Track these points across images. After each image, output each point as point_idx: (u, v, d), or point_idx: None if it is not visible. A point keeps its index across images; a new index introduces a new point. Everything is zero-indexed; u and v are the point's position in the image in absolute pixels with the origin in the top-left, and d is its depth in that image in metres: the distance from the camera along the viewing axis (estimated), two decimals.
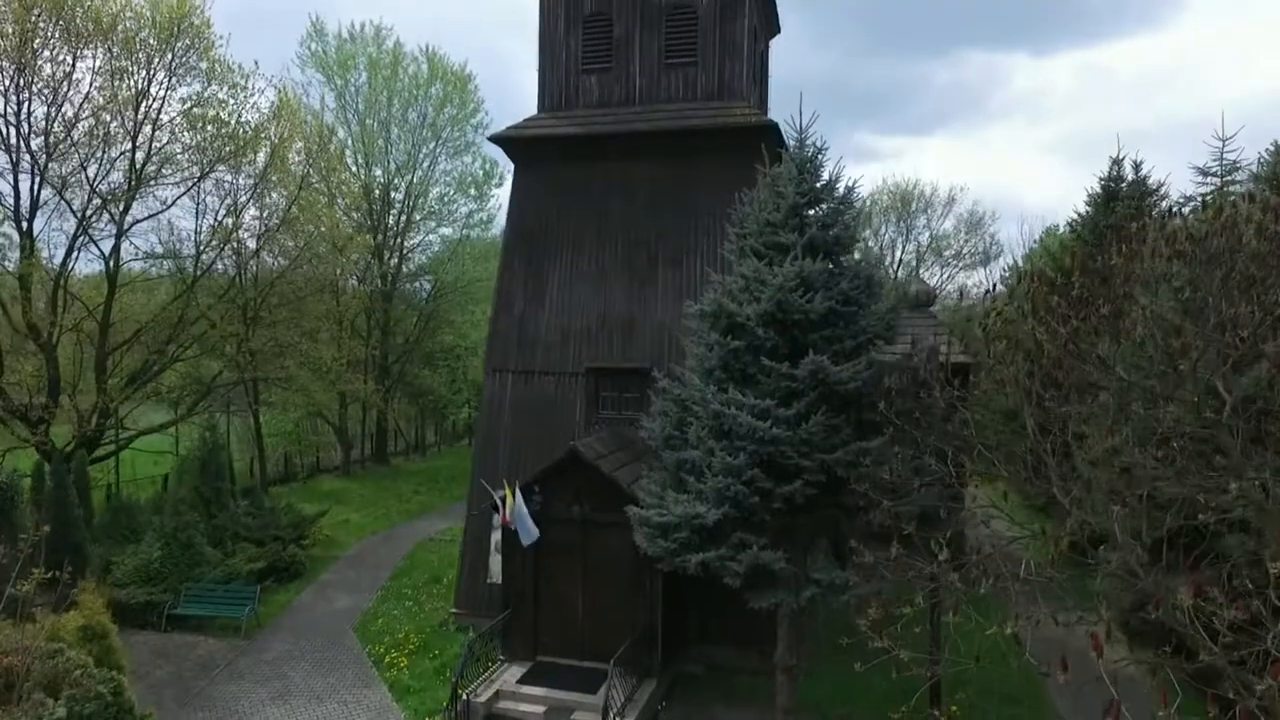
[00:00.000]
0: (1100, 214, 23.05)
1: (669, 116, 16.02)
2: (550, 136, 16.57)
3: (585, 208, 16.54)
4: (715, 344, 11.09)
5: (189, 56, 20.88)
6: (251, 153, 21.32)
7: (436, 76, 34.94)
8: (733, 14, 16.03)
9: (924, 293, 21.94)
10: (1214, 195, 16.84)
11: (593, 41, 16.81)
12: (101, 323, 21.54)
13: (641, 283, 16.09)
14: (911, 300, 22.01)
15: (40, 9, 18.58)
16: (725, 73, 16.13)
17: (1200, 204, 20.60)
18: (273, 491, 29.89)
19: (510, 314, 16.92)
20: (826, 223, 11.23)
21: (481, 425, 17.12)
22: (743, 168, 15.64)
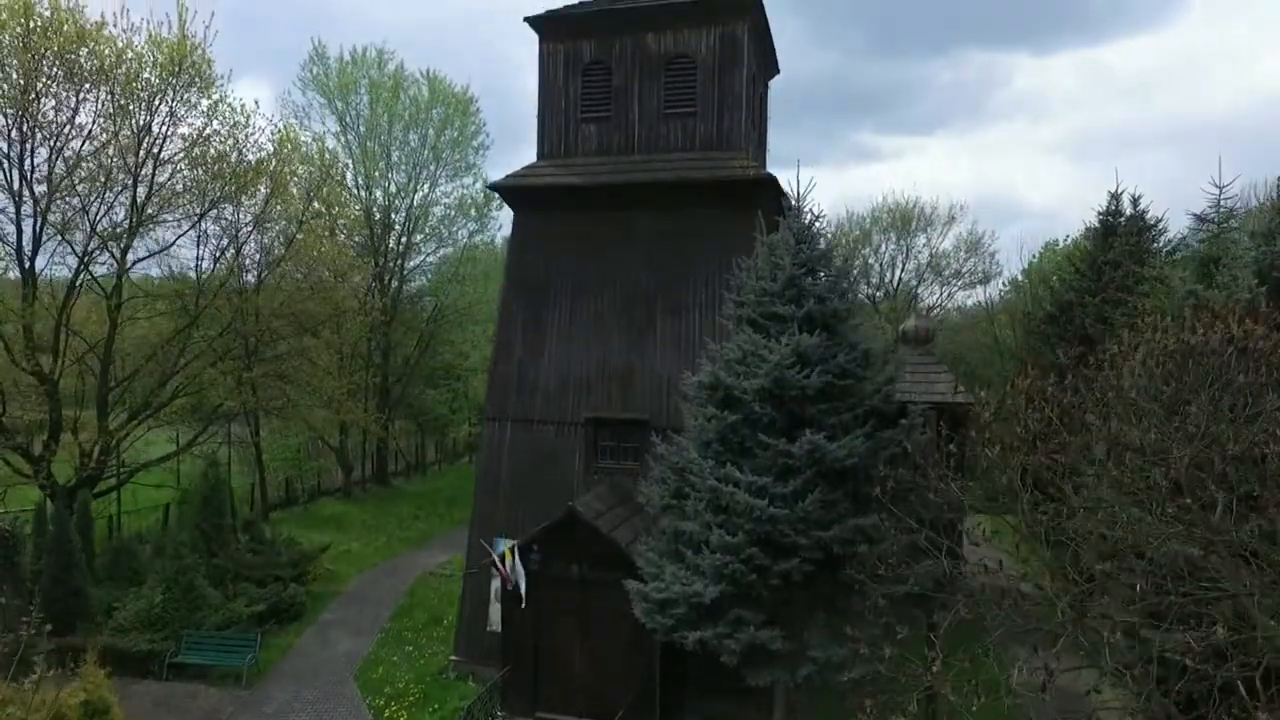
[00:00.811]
0: (1099, 249, 23.08)
1: (667, 167, 16.07)
2: (549, 187, 16.62)
3: (584, 256, 16.59)
4: (713, 417, 11.15)
5: (190, 93, 20.97)
6: (253, 188, 21.39)
7: (438, 100, 35.03)
8: (732, 65, 16.07)
9: (923, 329, 21.90)
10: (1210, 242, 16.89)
11: (592, 90, 16.86)
12: (103, 358, 21.62)
13: (640, 333, 16.13)
14: (911, 336, 22.00)
15: (45, 52, 18.66)
16: (724, 123, 16.17)
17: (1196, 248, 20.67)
18: (274, 517, 30.04)
19: (509, 361, 16.98)
20: (823, 295, 11.28)
21: (481, 473, 17.19)
22: (741, 220, 15.76)
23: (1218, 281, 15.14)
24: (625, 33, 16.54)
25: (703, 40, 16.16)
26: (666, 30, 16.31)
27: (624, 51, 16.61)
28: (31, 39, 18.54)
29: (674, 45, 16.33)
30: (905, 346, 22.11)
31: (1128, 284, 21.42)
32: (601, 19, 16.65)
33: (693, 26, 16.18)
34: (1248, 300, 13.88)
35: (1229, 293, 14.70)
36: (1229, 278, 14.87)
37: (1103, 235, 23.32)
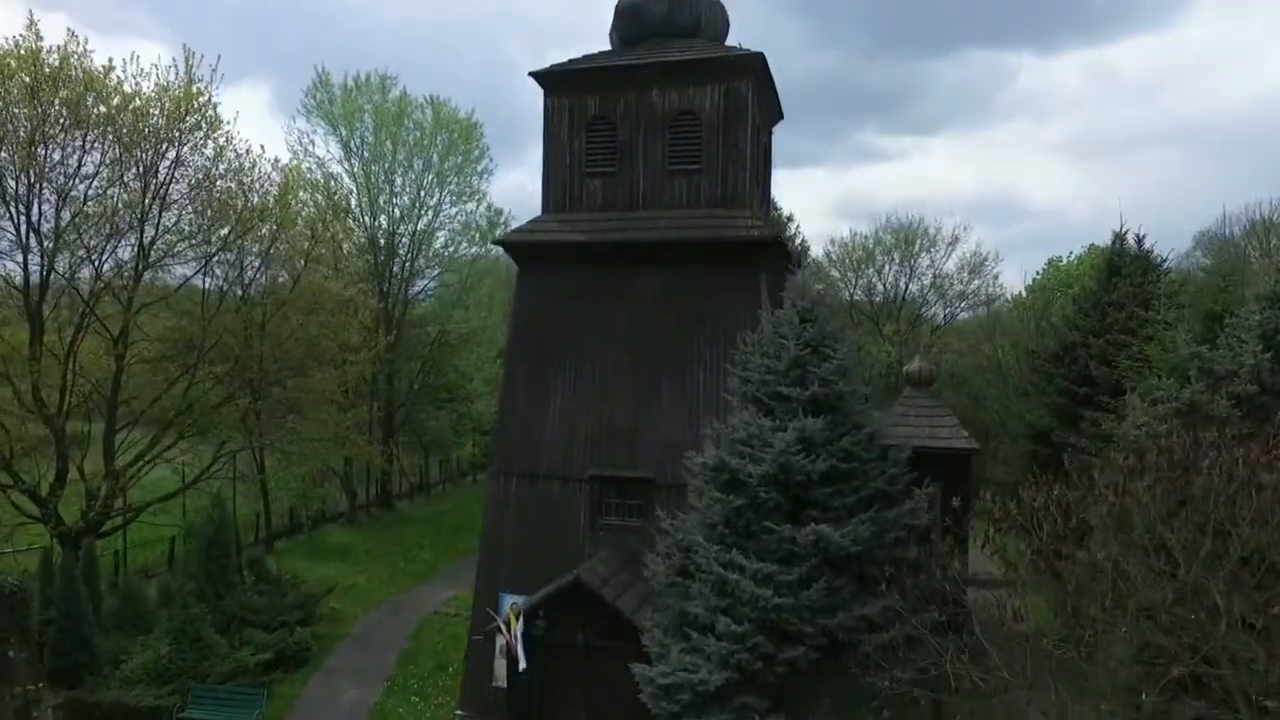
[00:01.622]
0: (1103, 289, 23.10)
1: (672, 225, 16.10)
2: (553, 243, 16.67)
3: (589, 312, 16.62)
4: (718, 500, 11.20)
5: (196, 136, 21.08)
6: (258, 229, 21.48)
7: (441, 126, 35.11)
8: (736, 122, 16.10)
9: (926, 371, 21.91)
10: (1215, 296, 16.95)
11: (596, 145, 16.90)
12: (110, 401, 21.73)
13: (646, 391, 16.15)
14: (915, 379, 22.02)
15: (53, 101, 18.76)
16: (729, 179, 16.21)
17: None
18: (279, 547, 30.20)
19: (514, 416, 17.03)
20: (828, 379, 11.32)
21: (486, 527, 17.24)
22: (746, 278, 15.83)
23: (1221, 342, 15.15)
24: (629, 89, 16.57)
25: (707, 97, 16.20)
26: (670, 87, 16.35)
27: (628, 107, 16.65)
28: (40, 89, 18.64)
29: (678, 102, 16.37)
30: (909, 388, 22.23)
31: (1131, 326, 21.48)
32: (606, 75, 16.69)
33: (697, 83, 16.22)
34: (1252, 366, 13.90)
35: (1234, 354, 14.73)
36: (1234, 339, 14.88)
37: (1107, 275, 23.35)
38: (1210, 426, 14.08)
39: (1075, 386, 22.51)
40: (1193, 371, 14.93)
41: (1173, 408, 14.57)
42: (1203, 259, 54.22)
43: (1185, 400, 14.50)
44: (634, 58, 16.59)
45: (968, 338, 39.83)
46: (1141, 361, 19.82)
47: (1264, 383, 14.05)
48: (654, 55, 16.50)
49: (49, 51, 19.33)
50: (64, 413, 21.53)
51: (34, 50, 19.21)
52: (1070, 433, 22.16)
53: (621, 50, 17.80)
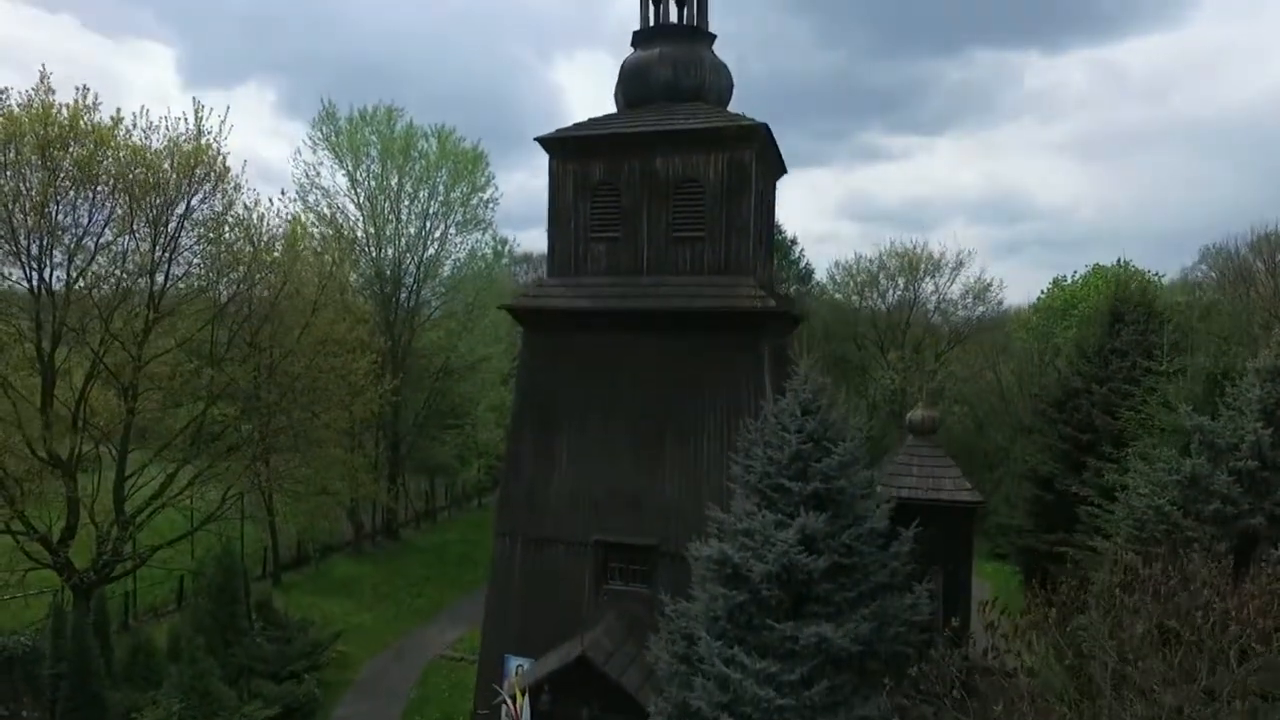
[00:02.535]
0: (1106, 336, 23.16)
1: (675, 293, 16.24)
2: (559, 310, 16.82)
3: (594, 377, 16.78)
4: (720, 595, 11.34)
5: (205, 188, 21.31)
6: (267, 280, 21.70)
7: (447, 157, 35.30)
8: (740, 190, 16.24)
9: (929, 419, 22.00)
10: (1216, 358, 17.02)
11: (601, 210, 17.06)
12: (120, 450, 21.96)
13: (649, 456, 16.30)
14: (916, 427, 22.11)
15: (63, 162, 18.99)
16: (732, 247, 16.34)
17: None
18: (286, 581, 30.43)
19: (520, 478, 17.19)
20: (830, 474, 11.44)
21: (492, 589, 17.40)
22: (748, 347, 15.98)
23: (1223, 413, 15.21)
24: (634, 155, 16.72)
25: (710, 166, 16.34)
26: (674, 154, 16.49)
27: (633, 174, 16.80)
28: (50, 151, 18.87)
29: (682, 169, 16.51)
30: (912, 436, 22.31)
31: (1134, 375, 21.54)
32: (610, 142, 16.84)
33: (701, 152, 16.35)
34: (1253, 442, 13.96)
35: (1235, 426, 14.80)
36: (1235, 410, 14.94)
37: (1109, 321, 23.40)
38: (1212, 500, 14.30)
39: (1078, 433, 22.59)
40: (1194, 444, 15.01)
41: (1174, 480, 14.66)
42: (1208, 271, 54.17)
43: (1187, 473, 14.57)
44: (638, 125, 16.73)
45: (971, 364, 39.81)
46: (1145, 415, 19.89)
47: (1265, 458, 14.11)
48: (658, 123, 16.64)
49: (59, 109, 19.59)
50: (74, 460, 21.80)
51: (46, 106, 19.46)
52: (1073, 479, 22.24)
53: (626, 111, 17.97)
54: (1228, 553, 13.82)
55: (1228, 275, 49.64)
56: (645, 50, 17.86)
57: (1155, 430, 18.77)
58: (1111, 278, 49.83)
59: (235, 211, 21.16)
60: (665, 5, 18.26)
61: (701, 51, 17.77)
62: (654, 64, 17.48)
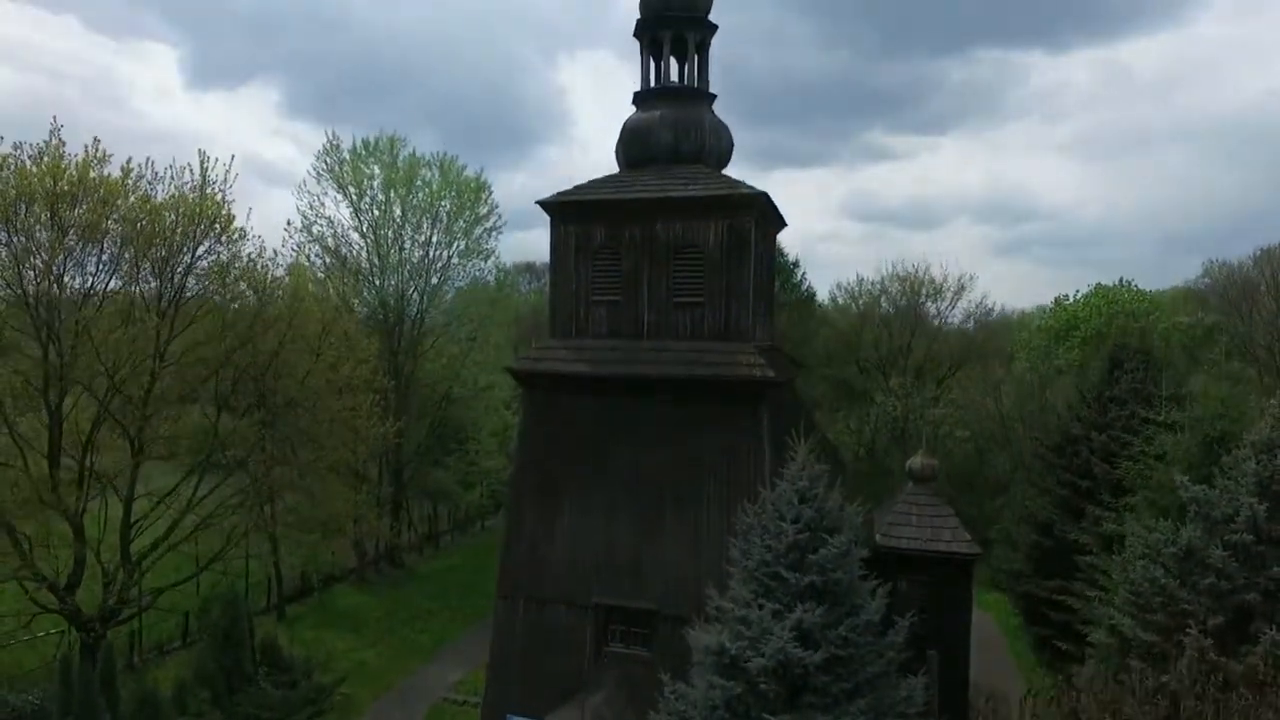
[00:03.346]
0: (1105, 383, 23.26)
1: (676, 359, 16.39)
2: (560, 374, 16.99)
3: (594, 439, 16.95)
4: (718, 686, 11.49)
5: (209, 240, 21.52)
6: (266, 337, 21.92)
7: (449, 186, 35.52)
8: (739, 257, 16.39)
9: (929, 467, 22.13)
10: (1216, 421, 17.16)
11: (602, 274, 17.22)
12: (126, 500, 22.20)
13: (649, 520, 16.46)
14: (916, 474, 22.23)
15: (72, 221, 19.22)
16: (732, 312, 16.50)
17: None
18: (290, 613, 30.66)
19: (521, 540, 17.37)
20: (827, 566, 11.59)
21: (494, 649, 17.59)
22: (748, 415, 16.13)
23: (1219, 483, 15.33)
24: (634, 221, 16.89)
25: (710, 232, 16.49)
26: (675, 221, 16.65)
27: (633, 239, 16.96)
28: (59, 208, 19.10)
29: (683, 235, 16.67)
30: (912, 483, 22.44)
31: (1133, 424, 21.65)
32: (611, 208, 17.00)
33: (701, 219, 16.51)
34: (1249, 517, 14.08)
35: (1230, 497, 14.91)
36: (1231, 481, 15.06)
37: (1108, 368, 23.51)
38: (1207, 574, 14.40)
39: (1077, 479, 22.71)
40: (1190, 514, 15.14)
41: (1171, 553, 14.79)
42: (1211, 283, 53.95)
43: (1183, 545, 14.70)
44: (639, 191, 16.89)
45: (971, 391, 39.88)
46: (1143, 466, 20.02)
47: (1259, 531, 14.24)
48: (658, 188, 16.79)
49: (69, 161, 19.80)
50: (81, 506, 22.04)
51: (56, 158, 19.69)
52: (1072, 526, 22.37)
53: (627, 171, 18.14)
54: (1223, 627, 14.01)
55: (1230, 293, 49.62)
56: (646, 112, 18.02)
57: (1153, 485, 18.89)
58: (1113, 298, 50.01)
59: (239, 264, 21.29)
60: (665, 64, 18.42)
61: (702, 113, 17.92)
62: (655, 127, 17.64)
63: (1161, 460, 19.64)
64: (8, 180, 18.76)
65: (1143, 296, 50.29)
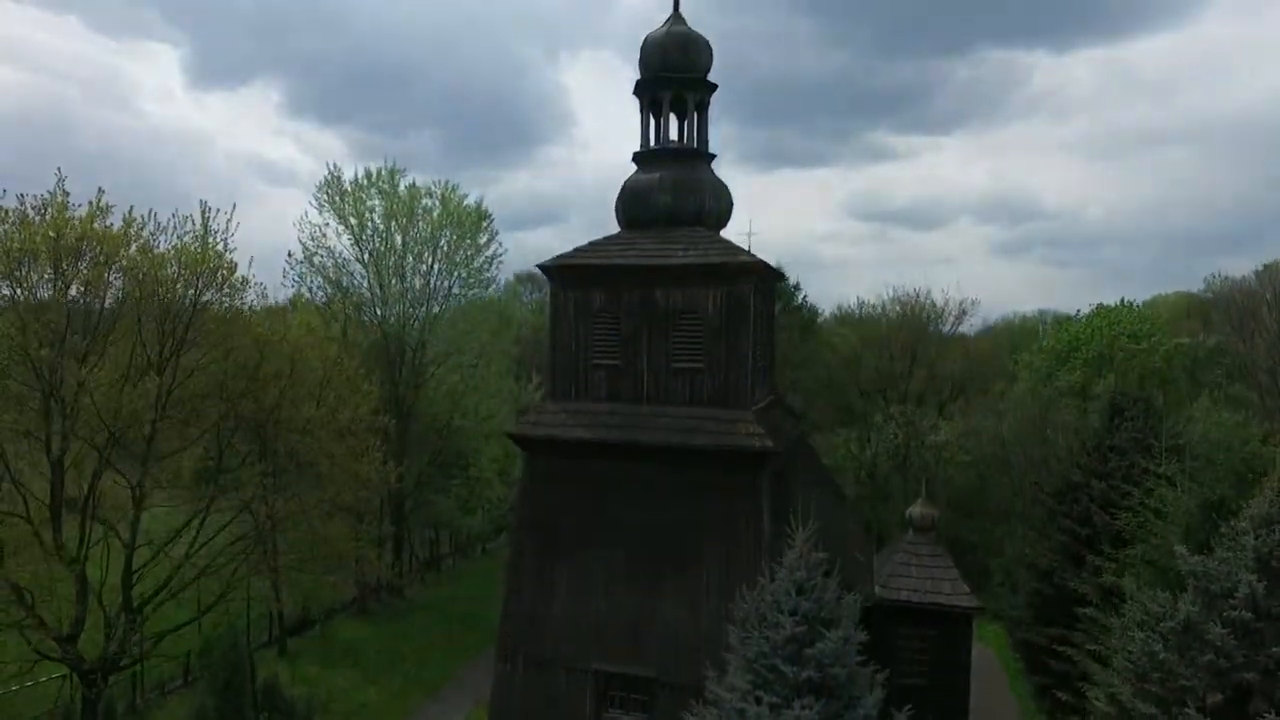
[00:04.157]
0: (1105, 431, 23.26)
1: (675, 426, 16.43)
2: (559, 440, 17.02)
3: (594, 502, 17.00)
4: None
5: (211, 293, 21.58)
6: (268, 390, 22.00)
7: (450, 216, 35.54)
8: (738, 324, 16.43)
9: (928, 516, 22.18)
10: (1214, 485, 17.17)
11: (602, 337, 17.27)
12: (128, 548, 22.28)
13: (648, 584, 16.50)
14: (916, 523, 22.27)
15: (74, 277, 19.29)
16: (731, 379, 16.54)
17: None
18: (291, 647, 30.73)
19: (521, 601, 17.42)
20: (824, 662, 11.61)
21: (493, 713, 17.63)
22: (747, 483, 16.16)
23: (1219, 555, 15.32)
24: (633, 285, 16.94)
25: (709, 299, 16.53)
26: (674, 287, 16.69)
27: (632, 303, 17.01)
28: (63, 264, 19.18)
29: (682, 301, 16.71)
30: (912, 531, 22.48)
31: (1133, 475, 21.64)
32: (610, 273, 17.04)
33: (699, 285, 16.56)
34: (1247, 594, 14.07)
35: (1229, 571, 14.90)
36: (1230, 554, 15.04)
37: (1109, 415, 23.51)
38: (1206, 651, 14.40)
39: (1077, 526, 22.72)
40: (1189, 587, 15.12)
41: (1169, 627, 14.78)
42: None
43: (1181, 619, 14.69)
44: (637, 257, 16.92)
45: (972, 419, 39.87)
46: (1143, 519, 20.02)
47: (1259, 609, 14.23)
48: (657, 254, 16.82)
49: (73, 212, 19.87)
50: (83, 556, 22.13)
51: (61, 208, 19.76)
52: (1073, 574, 22.37)
53: (627, 231, 18.18)
54: (1222, 705, 14.00)
55: (1232, 310, 49.49)
56: (646, 173, 18.05)
57: (1152, 544, 18.88)
58: (1115, 319, 49.91)
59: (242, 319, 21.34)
60: (665, 121, 18.46)
61: (702, 175, 17.96)
62: (654, 189, 17.68)
63: (1160, 516, 19.66)
64: (11, 236, 18.82)
65: (1144, 317, 50.21)
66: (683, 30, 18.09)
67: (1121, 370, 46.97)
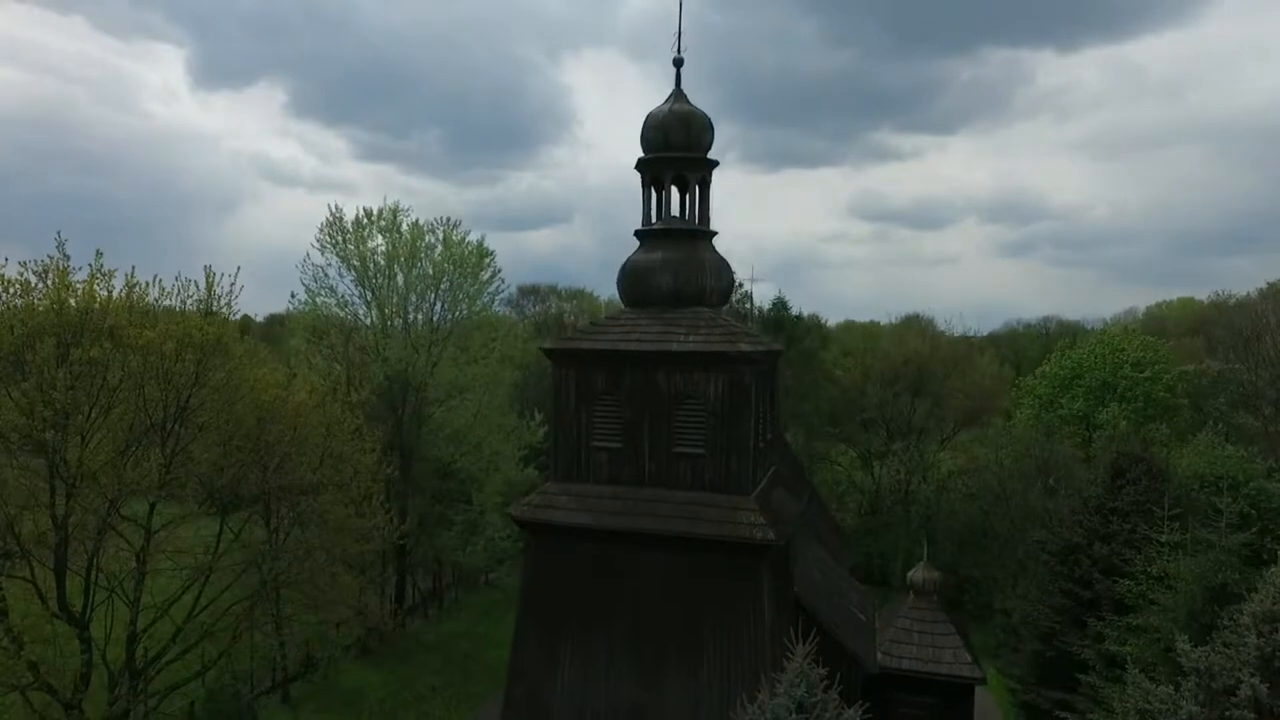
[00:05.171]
0: (1107, 495, 23.22)
1: (676, 513, 16.44)
2: (561, 525, 17.04)
3: (595, 586, 17.02)
4: None
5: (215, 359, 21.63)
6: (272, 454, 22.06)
7: (451, 255, 35.61)
8: (739, 410, 16.45)
9: (930, 580, 22.19)
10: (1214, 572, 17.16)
11: (604, 420, 17.31)
12: (133, 607, 22.36)
13: (651, 672, 16.52)
14: (917, 587, 22.28)
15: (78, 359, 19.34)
16: (733, 465, 16.57)
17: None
18: (294, 694, 30.78)
19: (523, 685, 17.44)
20: None
21: None
22: (747, 572, 16.17)
23: (1219, 648, 15.32)
24: (635, 369, 16.96)
25: (710, 385, 16.55)
26: (675, 373, 16.70)
27: (634, 386, 17.03)
28: (63, 340, 19.24)
29: (683, 386, 16.74)
30: (914, 596, 22.49)
31: (1135, 539, 21.62)
32: (611, 358, 17.06)
33: (701, 371, 16.57)
34: (1249, 696, 14.07)
35: (1232, 665, 14.90)
36: (1233, 650, 15.03)
37: (1110, 477, 23.47)
38: None
39: (1079, 589, 22.69)
40: (1192, 683, 15.12)
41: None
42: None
43: (1184, 717, 14.69)
44: (638, 341, 16.94)
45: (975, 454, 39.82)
46: (1144, 589, 20.02)
47: (1261, 709, 14.22)
48: (658, 339, 16.84)
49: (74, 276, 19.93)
50: (87, 616, 22.22)
51: (62, 272, 19.81)
52: (1074, 637, 22.36)
53: (629, 311, 18.20)
54: None
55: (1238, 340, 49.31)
56: (647, 252, 18.08)
57: (1151, 626, 18.88)
58: (1118, 346, 49.79)
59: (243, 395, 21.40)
60: (667, 196, 18.50)
61: (703, 255, 17.97)
62: (656, 270, 17.71)
63: (1164, 582, 19.65)
64: (15, 315, 18.87)
65: (1148, 345, 50.08)
66: (684, 109, 18.11)
67: (1125, 399, 46.98)
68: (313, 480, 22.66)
